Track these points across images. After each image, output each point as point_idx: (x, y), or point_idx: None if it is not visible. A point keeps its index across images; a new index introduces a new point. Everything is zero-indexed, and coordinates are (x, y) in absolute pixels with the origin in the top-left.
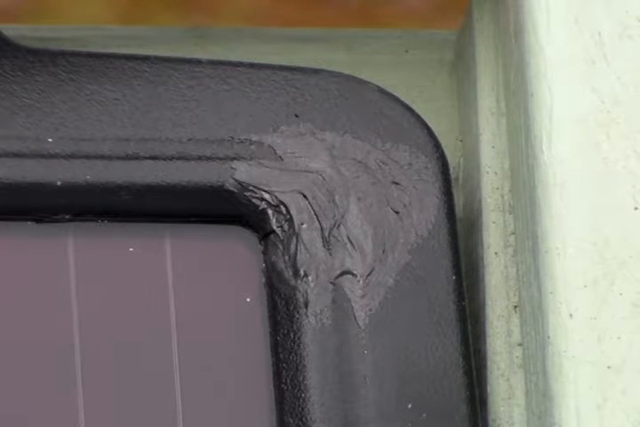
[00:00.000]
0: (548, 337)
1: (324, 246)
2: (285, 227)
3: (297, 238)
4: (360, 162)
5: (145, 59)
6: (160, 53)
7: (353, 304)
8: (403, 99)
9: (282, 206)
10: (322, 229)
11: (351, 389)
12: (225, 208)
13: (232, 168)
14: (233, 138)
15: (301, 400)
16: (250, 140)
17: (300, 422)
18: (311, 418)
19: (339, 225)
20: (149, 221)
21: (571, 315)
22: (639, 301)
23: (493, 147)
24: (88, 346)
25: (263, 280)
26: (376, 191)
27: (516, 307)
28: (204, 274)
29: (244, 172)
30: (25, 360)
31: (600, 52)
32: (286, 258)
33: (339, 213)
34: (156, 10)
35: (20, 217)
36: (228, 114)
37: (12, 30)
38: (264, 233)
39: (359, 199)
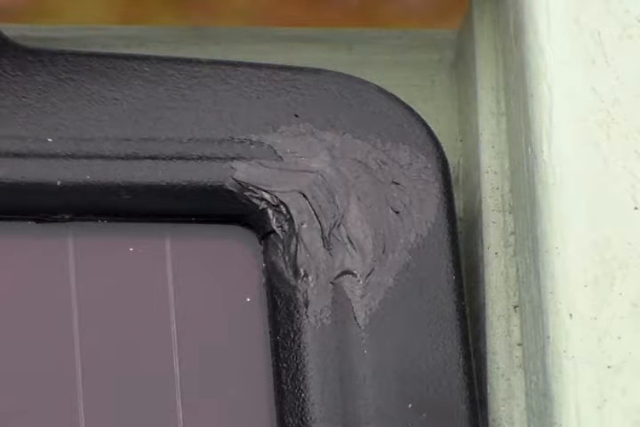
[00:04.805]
0: (548, 337)
1: (324, 246)
2: (285, 227)
3: (297, 238)
4: (360, 162)
5: (145, 59)
6: (160, 53)
7: (353, 304)
8: (403, 99)
9: (282, 206)
10: (322, 229)
11: (351, 389)
12: (225, 208)
13: (232, 168)
14: (233, 138)
15: (301, 400)
16: (250, 140)
17: (300, 422)
18: (311, 418)
19: (339, 225)
20: (149, 221)
21: (571, 315)
22: (639, 301)
23: (493, 147)
24: (88, 346)
25: (263, 280)
26: (376, 191)
27: (516, 307)
28: (204, 274)
29: (243, 172)
30: (25, 360)
31: (600, 51)
32: (286, 258)
33: (339, 213)
34: (155, 10)
35: (20, 217)
36: (228, 114)
37: (12, 30)
38: (264, 233)
39: (359, 199)
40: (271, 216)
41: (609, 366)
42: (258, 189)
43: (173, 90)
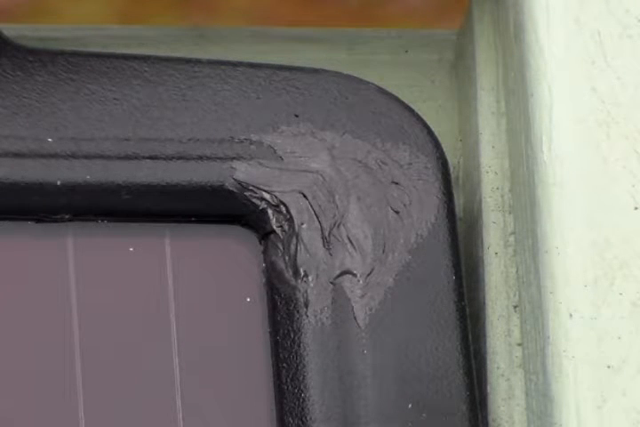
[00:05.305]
0: (548, 337)
1: (324, 246)
2: (285, 227)
3: (297, 238)
4: (360, 162)
5: (145, 59)
6: (160, 53)
7: (353, 304)
8: (403, 99)
9: (282, 206)
10: (322, 229)
11: (351, 389)
12: (225, 208)
13: (232, 168)
14: (233, 138)
15: (301, 400)
16: (250, 140)
17: (300, 422)
18: (311, 418)
19: (339, 225)
20: (149, 221)
21: (571, 315)
22: (639, 301)
23: (493, 147)
24: (88, 346)
25: (263, 280)
26: (376, 191)
27: (516, 307)
28: (204, 274)
29: (243, 172)
30: (25, 360)
31: (600, 51)
32: (286, 258)
33: (339, 213)
34: (155, 10)
35: (20, 217)
36: (228, 114)
37: (12, 30)
38: (264, 233)
39: (359, 199)
40: (271, 216)
41: (609, 366)
42: (258, 189)
43: (173, 90)
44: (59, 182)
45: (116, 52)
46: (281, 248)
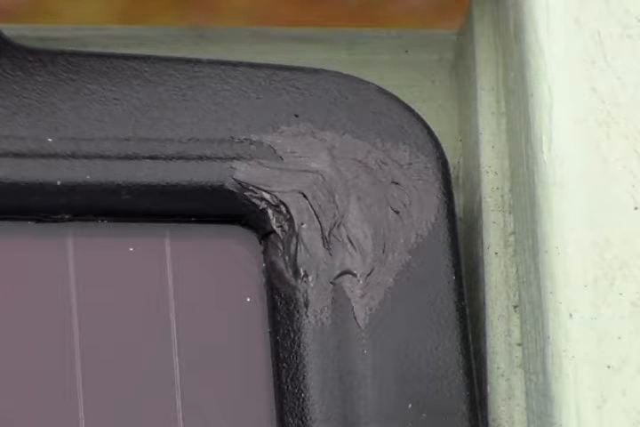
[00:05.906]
0: (548, 337)
1: (324, 246)
2: (285, 227)
3: (297, 238)
4: (360, 162)
5: (145, 59)
6: (160, 53)
7: (353, 304)
8: (403, 99)
9: (282, 206)
10: (322, 229)
11: (351, 389)
12: (225, 208)
13: (232, 168)
14: (233, 138)
15: (301, 400)
16: (250, 139)
17: (300, 422)
18: (311, 418)
19: (339, 225)
20: (149, 221)
21: (571, 315)
22: (639, 301)
23: (493, 147)
24: (88, 346)
25: (263, 280)
26: (376, 191)
27: (516, 307)
28: (204, 274)
29: (243, 172)
30: (25, 360)
31: (600, 51)
32: (286, 258)
33: (339, 213)
34: (155, 10)
35: (20, 217)
36: (228, 114)
37: (12, 30)
38: (264, 233)
39: (359, 199)
40: (271, 216)
41: (609, 366)
42: (258, 189)
43: (173, 90)
44: (59, 182)
45: (115, 52)
46: (281, 248)
